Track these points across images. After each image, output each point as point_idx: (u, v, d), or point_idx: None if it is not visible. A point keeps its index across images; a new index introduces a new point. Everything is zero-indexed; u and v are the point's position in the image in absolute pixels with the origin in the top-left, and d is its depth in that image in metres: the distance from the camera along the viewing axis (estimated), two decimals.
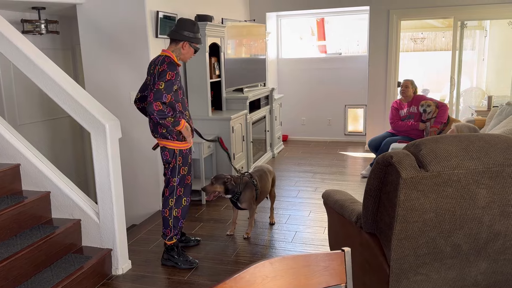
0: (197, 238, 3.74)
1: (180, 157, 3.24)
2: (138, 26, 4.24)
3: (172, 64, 3.09)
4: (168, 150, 3.22)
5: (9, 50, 3.06)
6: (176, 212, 3.28)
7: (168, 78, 3.02)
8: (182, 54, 3.22)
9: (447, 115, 5.14)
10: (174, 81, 3.06)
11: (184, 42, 3.17)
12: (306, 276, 1.23)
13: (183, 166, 3.26)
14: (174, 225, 3.30)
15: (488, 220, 2.03)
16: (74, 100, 3.04)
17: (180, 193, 3.29)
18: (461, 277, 2.16)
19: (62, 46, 5.47)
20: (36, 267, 2.86)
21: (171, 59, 3.12)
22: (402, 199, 1.96)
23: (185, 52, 3.21)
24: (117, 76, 4.41)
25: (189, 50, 3.21)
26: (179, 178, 3.26)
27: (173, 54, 3.18)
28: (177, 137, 3.20)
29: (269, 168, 4.10)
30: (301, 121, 7.93)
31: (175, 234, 3.32)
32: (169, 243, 3.33)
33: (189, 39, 3.16)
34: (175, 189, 3.27)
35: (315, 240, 3.73)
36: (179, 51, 3.20)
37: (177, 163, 3.23)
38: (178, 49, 3.19)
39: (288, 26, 8.16)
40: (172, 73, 3.04)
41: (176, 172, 3.25)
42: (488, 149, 1.99)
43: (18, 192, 3.23)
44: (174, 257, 3.33)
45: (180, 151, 3.24)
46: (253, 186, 3.77)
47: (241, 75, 5.81)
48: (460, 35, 6.62)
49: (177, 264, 3.32)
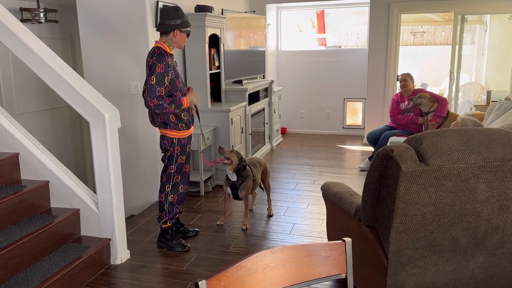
0: (196, 229, 3.76)
1: (178, 146, 3.30)
2: (137, 16, 4.21)
3: (160, 55, 3.12)
4: (167, 138, 3.28)
5: (8, 39, 3.04)
6: (171, 198, 3.38)
7: (158, 71, 3.08)
8: (175, 43, 3.24)
9: (446, 109, 5.14)
10: (165, 72, 3.10)
11: (174, 31, 3.18)
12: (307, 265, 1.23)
13: (181, 155, 3.33)
14: (169, 210, 3.41)
15: (487, 214, 2.04)
16: (73, 90, 3.02)
17: (177, 180, 3.37)
18: (459, 270, 2.17)
19: (61, 36, 5.43)
20: (35, 256, 2.86)
21: (162, 50, 3.16)
22: (401, 192, 1.96)
23: (178, 39, 3.22)
24: (116, 66, 4.39)
25: (181, 36, 3.22)
26: (176, 166, 3.33)
27: (165, 44, 3.21)
28: (176, 126, 3.26)
29: (259, 160, 4.05)
30: (300, 114, 7.92)
31: (169, 218, 3.44)
32: (163, 226, 3.47)
33: (177, 27, 3.17)
34: (172, 176, 3.35)
35: (313, 232, 3.75)
36: (171, 41, 3.22)
37: (174, 152, 3.30)
38: (169, 39, 3.22)
39: (288, 18, 8.13)
40: (161, 65, 3.09)
41: (174, 161, 3.32)
42: (488, 143, 2.00)
43: (17, 181, 3.22)
44: (167, 239, 3.46)
45: (179, 140, 3.29)
46: (251, 175, 3.76)
47: (241, 67, 5.79)
48: (460, 29, 6.61)
49: (170, 247, 3.44)
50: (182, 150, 3.32)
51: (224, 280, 1.13)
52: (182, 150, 3.32)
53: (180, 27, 3.18)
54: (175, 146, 3.28)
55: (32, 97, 5.05)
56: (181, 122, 3.27)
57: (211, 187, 4.88)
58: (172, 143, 3.28)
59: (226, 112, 4.91)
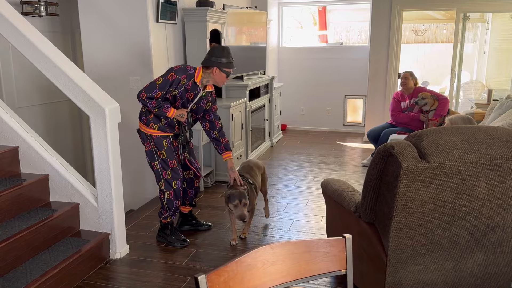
0: (208, 223, 3.77)
1: (153, 141, 3.29)
2: (139, 10, 4.20)
3: (182, 70, 3.18)
4: (140, 132, 3.34)
5: (9, 32, 3.02)
6: (168, 194, 3.36)
7: (168, 78, 3.14)
8: (213, 79, 3.28)
9: (447, 108, 5.13)
10: (172, 83, 3.14)
11: (214, 68, 3.21)
12: (307, 261, 1.23)
13: (159, 150, 3.29)
14: (168, 206, 3.40)
15: (487, 212, 2.04)
16: (74, 84, 3.01)
17: (168, 176, 3.33)
18: (458, 268, 2.17)
19: (61, 29, 5.42)
20: (34, 249, 2.86)
21: (191, 71, 3.21)
22: (402, 189, 1.96)
23: (216, 77, 3.25)
24: (117, 60, 4.38)
25: (221, 75, 3.25)
26: (160, 163, 3.31)
27: (201, 73, 3.25)
28: (148, 122, 3.27)
29: (257, 164, 3.83)
30: (301, 110, 7.91)
31: (170, 214, 3.44)
32: (163, 221, 3.48)
33: (218, 65, 3.20)
34: (161, 173, 3.33)
35: (313, 228, 3.75)
36: (208, 76, 3.26)
37: (152, 147, 3.30)
38: (208, 73, 3.25)
39: (290, 14, 8.10)
40: (174, 76, 3.15)
41: (155, 157, 3.31)
42: (490, 141, 1.99)
43: (16, 175, 3.22)
44: (167, 234, 3.48)
45: (151, 136, 3.28)
46: (252, 187, 3.54)
47: (242, 62, 5.78)
48: (462, 27, 6.59)
49: (169, 242, 3.45)
50: (158, 146, 3.27)
51: (224, 275, 1.13)
52: (158, 146, 3.27)
53: (221, 66, 3.20)
54: (150, 141, 3.28)
55: (32, 91, 5.04)
56: (153, 123, 3.25)
57: (211, 183, 4.88)
58: (146, 138, 3.29)
59: (226, 108, 4.90)
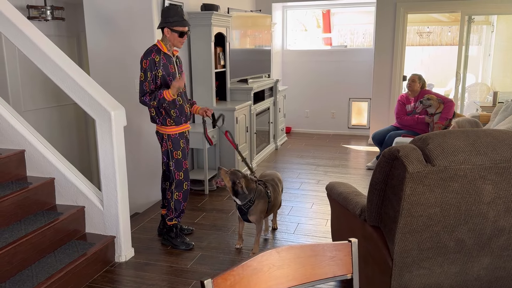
0: (190, 228, 3.76)
1: (170, 141, 3.33)
2: (143, 14, 4.22)
3: (148, 52, 3.21)
4: (158, 133, 3.38)
5: (16, 36, 3.05)
6: (177, 195, 3.41)
7: (144, 66, 3.19)
8: (169, 41, 3.27)
9: (452, 111, 5.11)
10: (149, 67, 3.17)
11: (165, 29, 3.22)
12: (313, 265, 1.23)
13: (175, 150, 3.35)
14: (175, 207, 3.43)
15: (493, 215, 2.03)
16: (80, 87, 3.03)
17: (180, 177, 3.38)
18: (464, 272, 2.16)
19: (67, 33, 5.45)
20: (40, 252, 2.87)
21: (155, 47, 3.23)
22: (407, 193, 1.96)
23: (170, 37, 3.24)
24: (122, 64, 4.40)
25: (172, 35, 3.23)
26: (175, 163, 3.35)
27: (162, 42, 3.27)
28: (164, 121, 3.31)
29: (279, 177, 3.61)
30: (305, 113, 7.91)
31: (175, 216, 3.46)
32: (169, 223, 3.49)
33: (166, 25, 3.20)
34: (173, 173, 3.38)
35: (318, 232, 3.74)
36: (165, 39, 3.27)
37: (168, 147, 3.34)
38: (164, 37, 3.27)
39: (294, 17, 8.11)
40: (146, 61, 3.18)
41: (170, 156, 3.36)
42: (495, 144, 1.98)
43: (22, 178, 3.24)
44: (172, 237, 3.49)
45: (169, 135, 3.33)
46: (266, 198, 3.26)
47: (246, 65, 5.79)
48: (467, 29, 6.58)
49: (174, 245, 3.47)
50: (175, 145, 3.33)
51: (230, 279, 1.13)
52: (174, 145, 3.33)
53: (169, 26, 3.18)
54: (167, 141, 3.33)
55: (38, 95, 5.07)
56: (169, 118, 3.30)
57: (215, 186, 4.88)
58: (163, 138, 3.34)
59: (231, 111, 4.91)
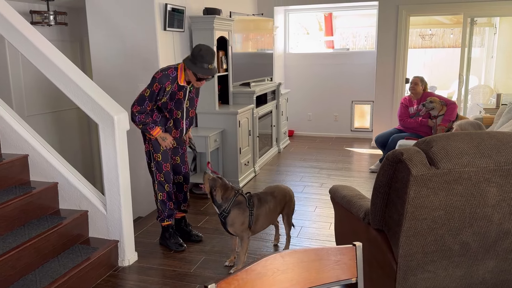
0: (199, 234, 3.70)
1: (151, 144, 3.37)
2: (146, 18, 4.23)
3: (165, 77, 3.16)
4: (143, 133, 3.42)
5: (19, 41, 3.06)
6: (161, 196, 3.44)
7: (154, 88, 3.17)
8: (188, 77, 3.24)
9: (455, 113, 5.10)
10: (157, 92, 3.16)
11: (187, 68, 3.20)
12: (317, 270, 1.22)
13: (155, 152, 3.37)
14: (162, 208, 3.47)
15: (498, 218, 2.02)
16: (83, 92, 3.04)
17: (161, 178, 3.42)
18: (469, 275, 2.15)
19: (70, 38, 5.47)
20: (43, 257, 2.87)
21: (173, 73, 3.18)
22: (411, 196, 1.95)
23: (189, 75, 3.21)
24: (125, 68, 4.41)
25: (192, 76, 3.20)
26: (155, 164, 3.39)
27: (183, 74, 3.23)
28: None
29: (283, 191, 3.28)
30: (308, 116, 7.91)
31: (166, 216, 3.49)
32: (163, 224, 3.54)
33: (189, 65, 3.15)
34: (155, 174, 3.42)
35: (321, 235, 3.73)
36: (186, 73, 3.25)
37: (149, 148, 3.39)
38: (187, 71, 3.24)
39: (296, 20, 8.12)
40: (158, 86, 3.16)
41: (151, 157, 3.40)
42: (500, 147, 1.97)
43: (26, 183, 3.25)
44: (166, 237, 3.53)
45: (150, 138, 3.37)
46: (246, 209, 3.03)
47: (248, 69, 5.80)
48: (470, 31, 6.57)
49: (167, 245, 3.52)
50: (155, 148, 3.36)
51: (234, 284, 1.12)
52: (155, 148, 3.36)
53: (191, 69, 3.14)
54: (149, 142, 3.37)
55: (42, 99, 5.09)
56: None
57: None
58: (145, 139, 3.39)
59: (233, 114, 4.92)
